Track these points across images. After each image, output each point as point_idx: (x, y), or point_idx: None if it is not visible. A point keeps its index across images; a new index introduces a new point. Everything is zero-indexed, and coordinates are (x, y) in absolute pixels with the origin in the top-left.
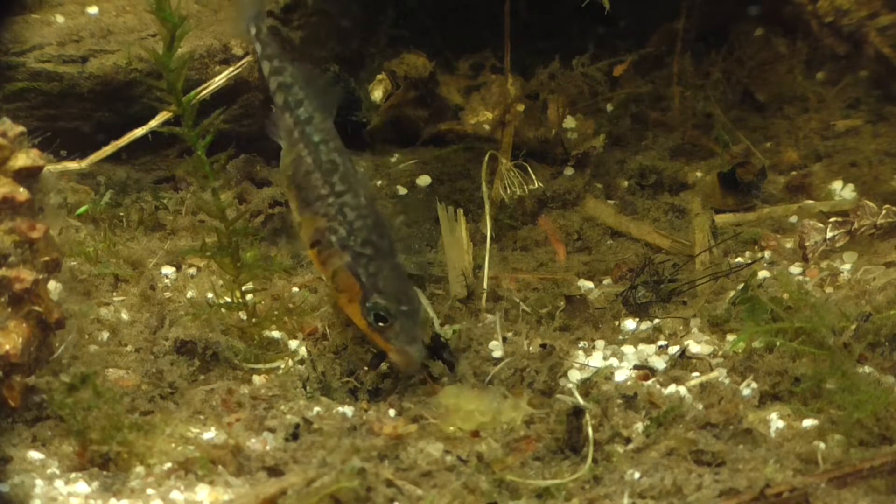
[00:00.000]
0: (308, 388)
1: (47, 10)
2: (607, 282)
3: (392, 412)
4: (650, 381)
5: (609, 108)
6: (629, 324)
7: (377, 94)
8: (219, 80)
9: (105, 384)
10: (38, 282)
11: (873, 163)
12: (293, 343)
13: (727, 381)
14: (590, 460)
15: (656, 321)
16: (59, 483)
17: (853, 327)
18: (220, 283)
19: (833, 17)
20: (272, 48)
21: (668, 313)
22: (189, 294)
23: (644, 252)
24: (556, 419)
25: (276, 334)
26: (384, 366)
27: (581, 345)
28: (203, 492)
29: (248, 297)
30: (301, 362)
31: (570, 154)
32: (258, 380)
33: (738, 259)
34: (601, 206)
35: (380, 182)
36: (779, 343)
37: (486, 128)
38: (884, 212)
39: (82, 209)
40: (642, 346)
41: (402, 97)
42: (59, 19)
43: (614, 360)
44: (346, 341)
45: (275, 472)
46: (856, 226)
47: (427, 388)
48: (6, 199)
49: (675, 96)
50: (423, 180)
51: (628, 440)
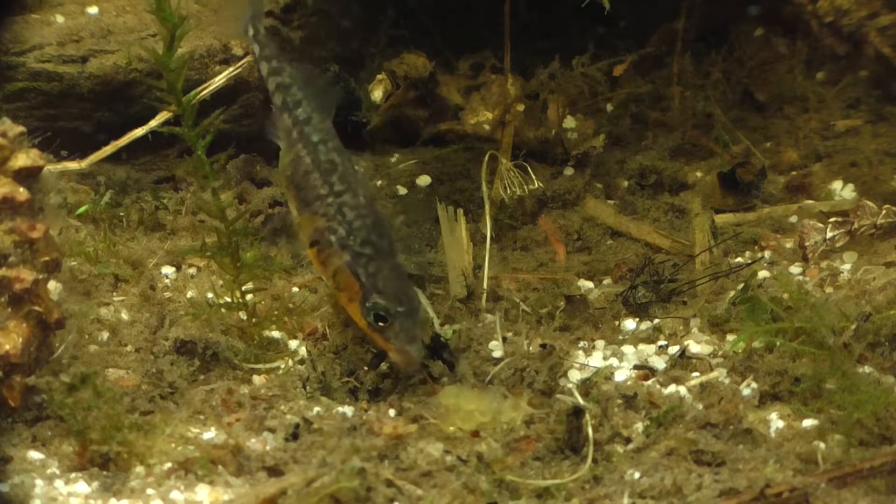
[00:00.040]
0: (308, 388)
1: (47, 10)
2: (607, 282)
3: (392, 412)
4: (650, 381)
5: (609, 108)
6: (629, 324)
7: (377, 94)
8: (219, 80)
9: (105, 384)
10: (38, 282)
11: (873, 163)
12: (293, 343)
13: (727, 381)
14: (590, 460)
15: (656, 321)
16: (59, 483)
17: (853, 327)
18: (220, 283)
19: (833, 17)
20: (270, 49)
21: (668, 313)
22: (189, 294)
23: (644, 252)
24: (556, 419)
25: (276, 334)
26: (384, 366)
27: (581, 345)
28: (203, 492)
29: (248, 297)
30: (301, 362)
31: (570, 154)
32: (258, 380)
33: (738, 259)
34: (601, 206)
35: (380, 182)
36: (779, 343)
37: (486, 128)
38: (884, 212)
39: (82, 209)
40: (642, 346)
41: (402, 97)
42: (59, 19)
43: (614, 360)
44: (346, 341)
45: (275, 472)
46: (856, 226)
47: (427, 388)
48: (6, 199)
49: (675, 96)
50: (423, 180)
51: (628, 440)
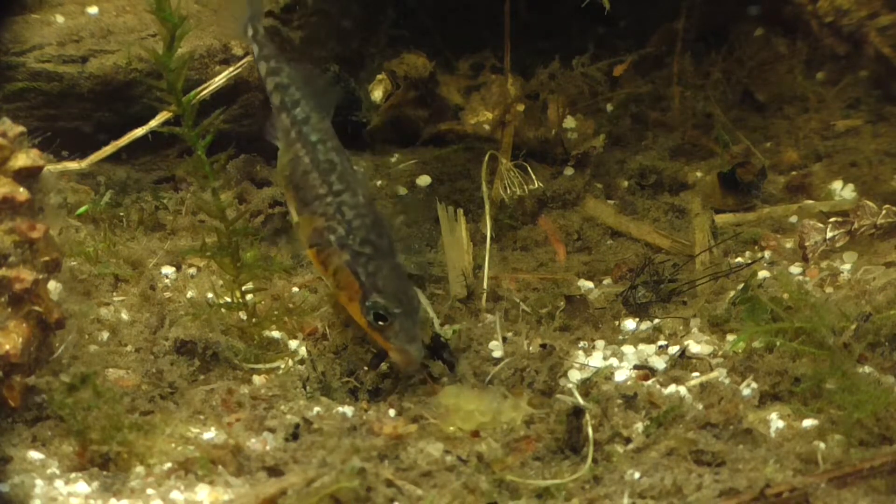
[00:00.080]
0: (308, 388)
1: (47, 10)
2: (607, 282)
3: (392, 412)
4: (650, 381)
5: (609, 108)
6: (629, 324)
7: (377, 94)
8: (219, 80)
9: (105, 384)
10: (38, 282)
11: (873, 163)
12: (293, 343)
13: (727, 381)
14: (590, 460)
15: (656, 321)
16: (59, 483)
17: (853, 327)
18: (220, 283)
19: (833, 17)
20: (269, 49)
21: (668, 313)
22: (189, 294)
23: (644, 252)
24: (556, 419)
25: (276, 334)
26: (384, 366)
27: (581, 345)
28: (203, 492)
29: (248, 297)
30: (301, 362)
31: (570, 154)
32: (258, 380)
33: (738, 259)
34: (601, 206)
35: (380, 182)
36: (779, 343)
37: (486, 128)
38: (884, 212)
39: (82, 209)
40: (642, 346)
41: (402, 97)
42: (59, 19)
43: (614, 360)
44: (346, 341)
45: (275, 472)
46: (856, 226)
47: (427, 388)
48: (6, 199)
49: (675, 96)
50: (423, 180)
51: (628, 440)
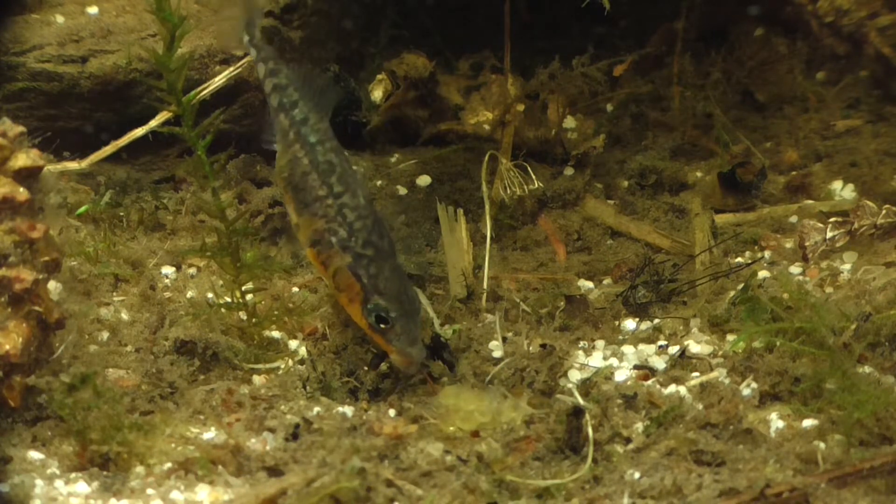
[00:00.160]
0: (308, 388)
1: (47, 10)
2: (607, 282)
3: (392, 412)
4: (650, 381)
5: (609, 108)
6: (629, 324)
7: (377, 94)
8: (219, 80)
9: (105, 384)
10: (38, 282)
11: (873, 163)
12: (293, 343)
13: (727, 381)
14: (590, 460)
15: (656, 321)
16: (59, 483)
17: (853, 327)
18: (220, 283)
19: (833, 17)
20: (266, 51)
21: (668, 313)
22: (189, 294)
23: (644, 252)
24: (556, 419)
25: (276, 334)
26: (384, 366)
27: (581, 345)
28: (203, 492)
29: (248, 297)
30: (301, 362)
31: (570, 154)
32: (258, 380)
33: (738, 259)
34: (601, 206)
35: (380, 182)
36: (779, 343)
37: (486, 128)
38: (884, 212)
39: (82, 209)
40: (642, 346)
41: (402, 97)
42: (59, 19)
43: (614, 360)
44: (346, 341)
45: (275, 472)
46: (856, 226)
47: (427, 388)
48: (6, 199)
49: (675, 96)
50: (423, 180)
51: (628, 440)
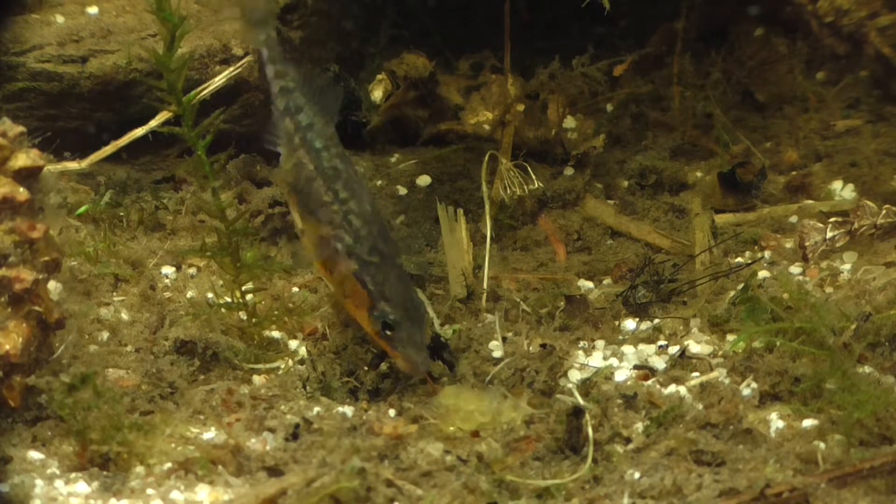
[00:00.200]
0: (308, 388)
1: (47, 10)
2: (607, 282)
3: (392, 412)
4: (650, 381)
5: (609, 108)
6: (629, 324)
7: (377, 94)
8: (219, 80)
9: (105, 384)
10: (38, 282)
11: (873, 163)
12: (293, 343)
13: (727, 381)
14: (590, 460)
15: (656, 321)
16: (59, 483)
17: (853, 327)
18: (220, 283)
19: (833, 17)
20: (277, 53)
21: (668, 313)
22: (189, 294)
23: (644, 252)
24: (556, 419)
25: (276, 334)
26: (384, 366)
27: (581, 345)
28: (203, 492)
29: (248, 297)
30: (301, 362)
31: (570, 154)
32: (258, 380)
33: (738, 259)
34: (601, 206)
35: (380, 182)
36: (779, 343)
37: (486, 128)
38: (884, 212)
39: (82, 209)
40: (642, 346)
41: (402, 97)
42: (59, 19)
43: (614, 360)
44: (346, 341)
45: (275, 472)
46: (856, 226)
47: (427, 388)
48: (6, 199)
49: (675, 96)
50: (423, 180)
51: (628, 440)
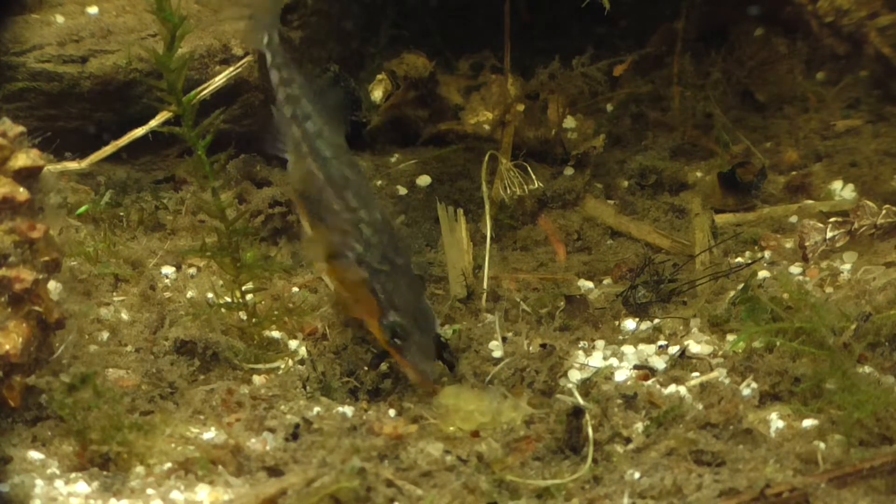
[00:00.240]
0: (308, 388)
1: (47, 10)
2: (607, 282)
3: (392, 412)
4: (650, 381)
5: (609, 108)
6: (629, 324)
7: (377, 94)
8: (219, 80)
9: (105, 384)
10: (38, 282)
11: (873, 163)
12: (293, 343)
13: (727, 381)
14: (590, 460)
15: (656, 321)
16: (59, 483)
17: (853, 327)
18: (220, 283)
19: (833, 17)
20: (282, 58)
21: (668, 313)
22: (189, 294)
23: (644, 252)
24: (556, 419)
25: (276, 334)
26: (384, 366)
27: (581, 345)
28: (203, 492)
29: (248, 297)
30: (301, 362)
31: (570, 154)
32: (258, 380)
33: (738, 259)
34: (601, 206)
35: (380, 182)
36: (779, 343)
37: (486, 128)
38: (884, 212)
39: (82, 209)
40: (642, 346)
41: (402, 97)
42: (59, 19)
43: (614, 360)
44: (346, 341)
45: (275, 472)
46: (856, 226)
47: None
48: (6, 199)
49: (675, 96)
50: (423, 180)
51: (628, 440)
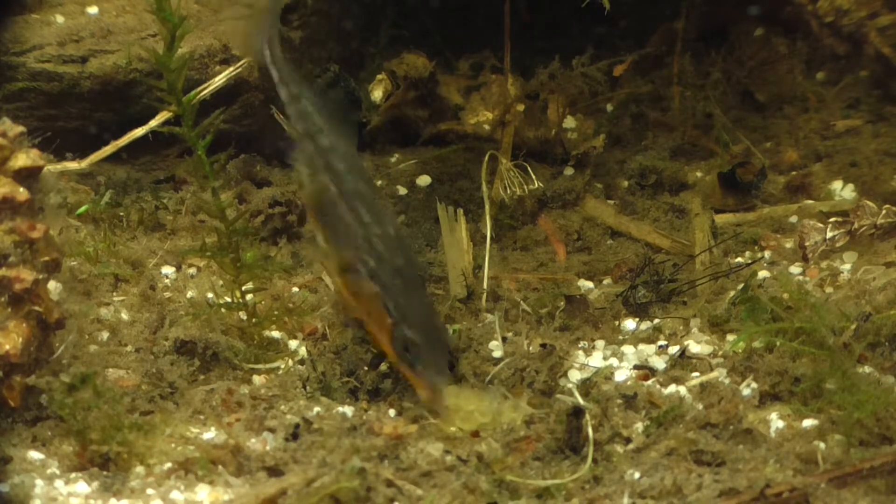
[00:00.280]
0: (308, 388)
1: (47, 10)
2: (607, 282)
3: (392, 412)
4: (650, 381)
5: (609, 108)
6: (629, 324)
7: (377, 94)
8: (219, 80)
9: (105, 384)
10: (38, 282)
11: (873, 163)
12: (293, 343)
13: (727, 381)
14: (590, 460)
15: (656, 321)
16: (59, 483)
17: (853, 327)
18: (220, 283)
19: (833, 17)
20: (288, 73)
21: (668, 313)
22: (189, 294)
23: (644, 252)
24: (556, 419)
25: (276, 334)
26: (384, 366)
27: (581, 345)
28: (203, 492)
29: (248, 297)
30: (301, 362)
31: (570, 154)
32: (258, 380)
33: (738, 259)
34: (601, 206)
35: (380, 182)
36: (779, 343)
37: (486, 128)
38: (884, 212)
39: (82, 209)
40: (642, 346)
41: (402, 97)
42: (59, 19)
43: (614, 360)
44: (346, 341)
45: (275, 472)
46: (856, 226)
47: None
48: (6, 199)
49: (675, 96)
50: (423, 180)
51: (628, 440)
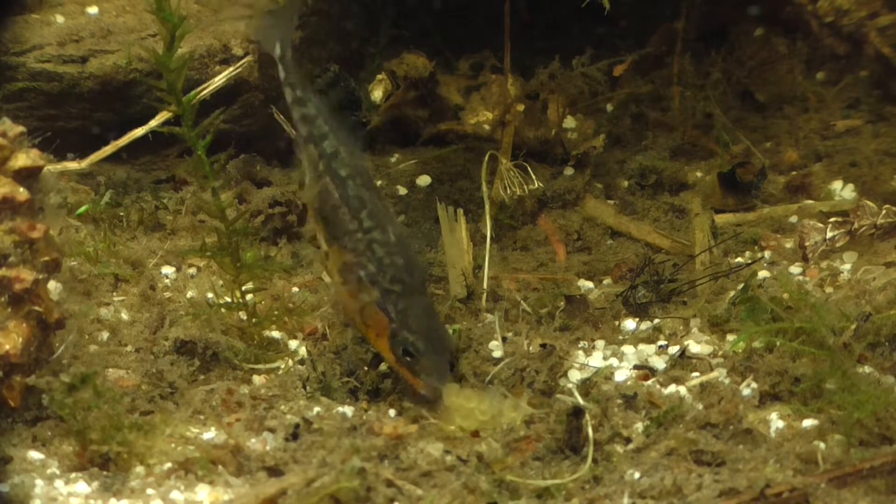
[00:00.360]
0: (308, 388)
1: (47, 10)
2: (607, 282)
3: (392, 412)
4: (650, 381)
5: (609, 108)
6: (629, 324)
7: (377, 94)
8: (219, 80)
9: (105, 384)
10: (38, 282)
11: (873, 163)
12: (293, 343)
13: (727, 381)
14: (590, 460)
15: (656, 321)
16: (59, 483)
17: (853, 327)
18: (220, 283)
19: (833, 17)
20: (295, 76)
21: (668, 313)
22: (189, 294)
23: (644, 252)
24: (556, 419)
25: (276, 334)
26: (384, 366)
27: (581, 345)
28: (203, 492)
29: (248, 297)
30: (301, 362)
31: (570, 154)
32: (258, 380)
33: (738, 259)
34: (601, 206)
35: (380, 182)
36: (779, 343)
37: (486, 128)
38: (884, 212)
39: (82, 209)
40: (642, 346)
41: (402, 97)
42: (59, 19)
43: (614, 360)
44: (346, 341)
45: (275, 472)
46: (856, 226)
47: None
48: (6, 199)
49: (675, 96)
50: (423, 180)
51: (628, 440)
